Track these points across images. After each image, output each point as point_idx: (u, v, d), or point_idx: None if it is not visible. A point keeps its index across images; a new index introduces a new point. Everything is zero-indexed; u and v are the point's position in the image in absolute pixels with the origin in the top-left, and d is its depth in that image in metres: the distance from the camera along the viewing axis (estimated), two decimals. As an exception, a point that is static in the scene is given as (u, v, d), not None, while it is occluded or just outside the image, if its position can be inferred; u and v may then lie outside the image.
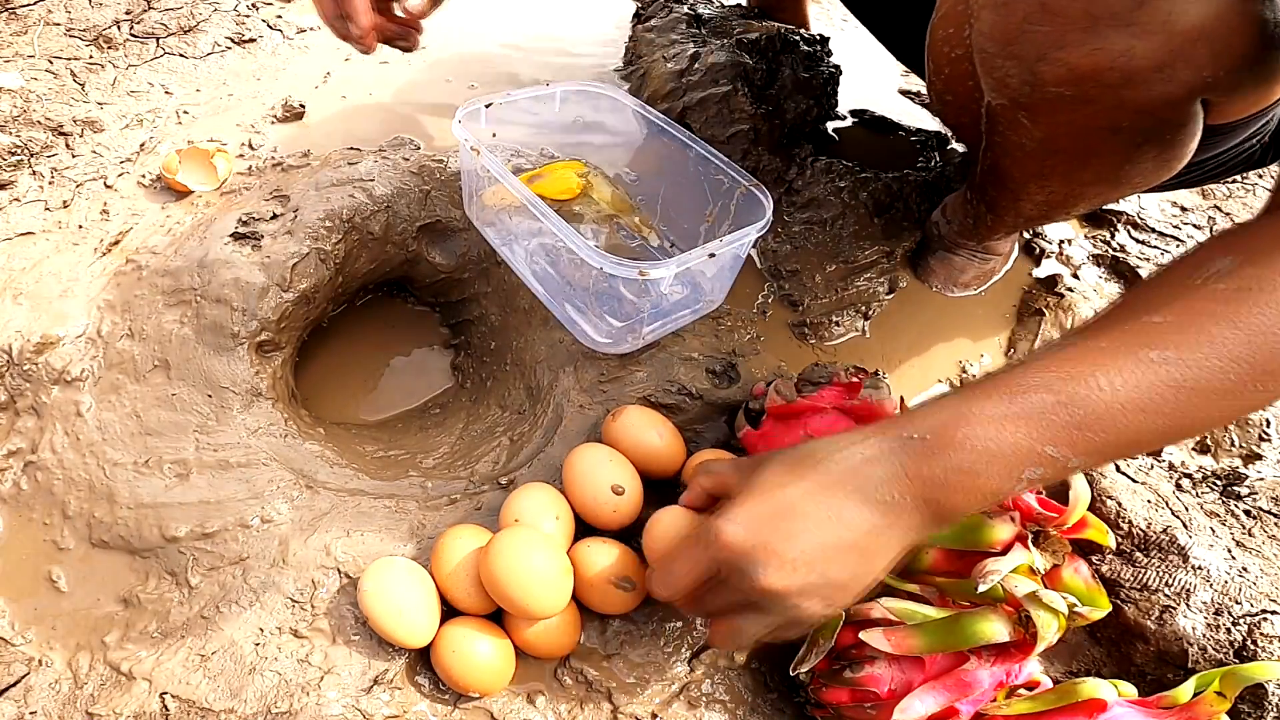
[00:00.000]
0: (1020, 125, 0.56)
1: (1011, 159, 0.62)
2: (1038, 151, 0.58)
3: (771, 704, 0.56)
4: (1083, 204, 0.65)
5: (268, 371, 0.67)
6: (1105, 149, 0.55)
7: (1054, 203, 0.65)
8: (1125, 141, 0.53)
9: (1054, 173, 0.60)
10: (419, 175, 0.78)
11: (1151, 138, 0.53)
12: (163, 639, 0.54)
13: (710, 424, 0.68)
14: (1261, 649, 0.52)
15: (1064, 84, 0.49)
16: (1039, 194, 0.64)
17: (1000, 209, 0.70)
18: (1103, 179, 0.59)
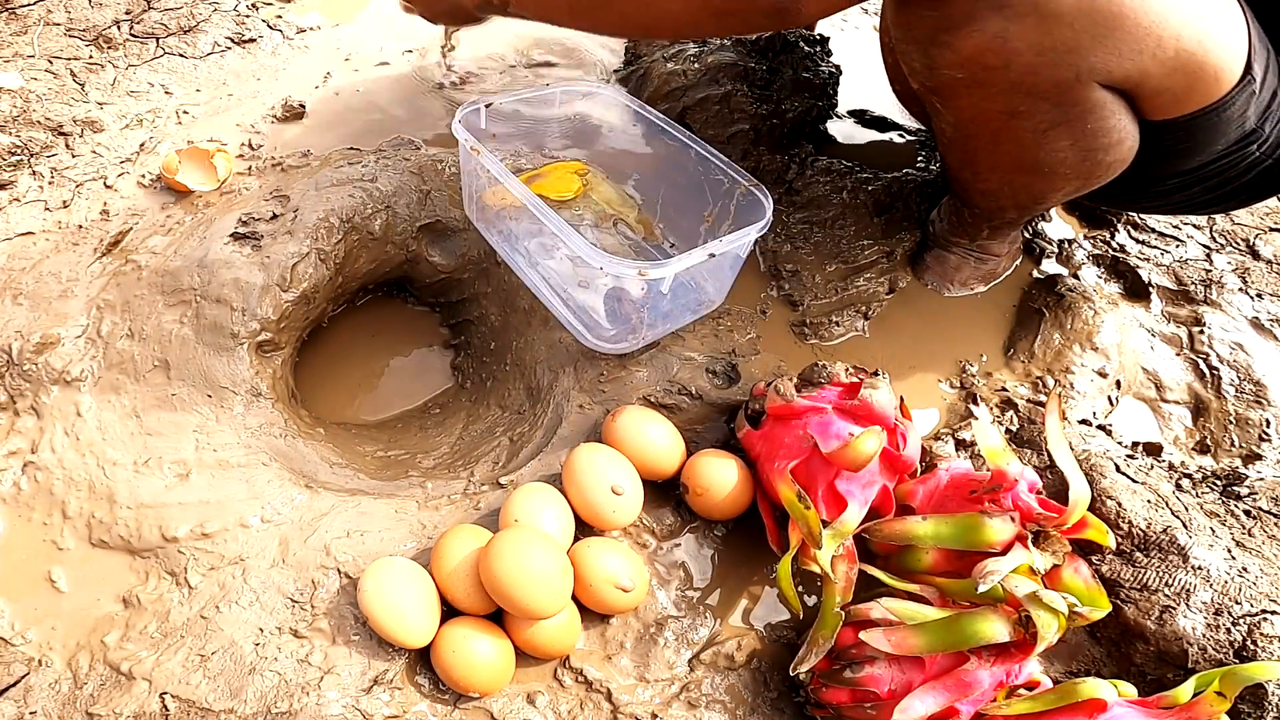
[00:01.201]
0: (938, 111, 0.60)
1: (944, 148, 0.66)
2: (957, 138, 0.62)
3: (771, 704, 0.56)
4: (1023, 195, 0.66)
5: (268, 371, 0.67)
6: (1011, 134, 0.57)
7: (996, 193, 0.67)
8: (1029, 127, 0.55)
9: (977, 161, 0.63)
10: (419, 175, 0.78)
11: (1057, 123, 0.54)
12: (163, 639, 0.54)
13: (710, 424, 0.68)
14: (1261, 649, 0.52)
15: (953, 67, 0.52)
16: (978, 183, 0.66)
17: (965, 201, 0.73)
18: (1023, 167, 0.61)
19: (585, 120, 0.81)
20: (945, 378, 0.76)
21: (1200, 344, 0.82)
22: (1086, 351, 0.77)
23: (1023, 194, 0.66)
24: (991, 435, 0.58)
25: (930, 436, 0.71)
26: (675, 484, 0.62)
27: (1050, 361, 0.77)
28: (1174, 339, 0.83)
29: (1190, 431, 0.76)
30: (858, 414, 0.57)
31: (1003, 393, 0.74)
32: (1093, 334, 0.78)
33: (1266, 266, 0.90)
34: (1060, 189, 0.64)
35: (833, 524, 0.53)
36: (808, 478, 0.56)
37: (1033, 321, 0.80)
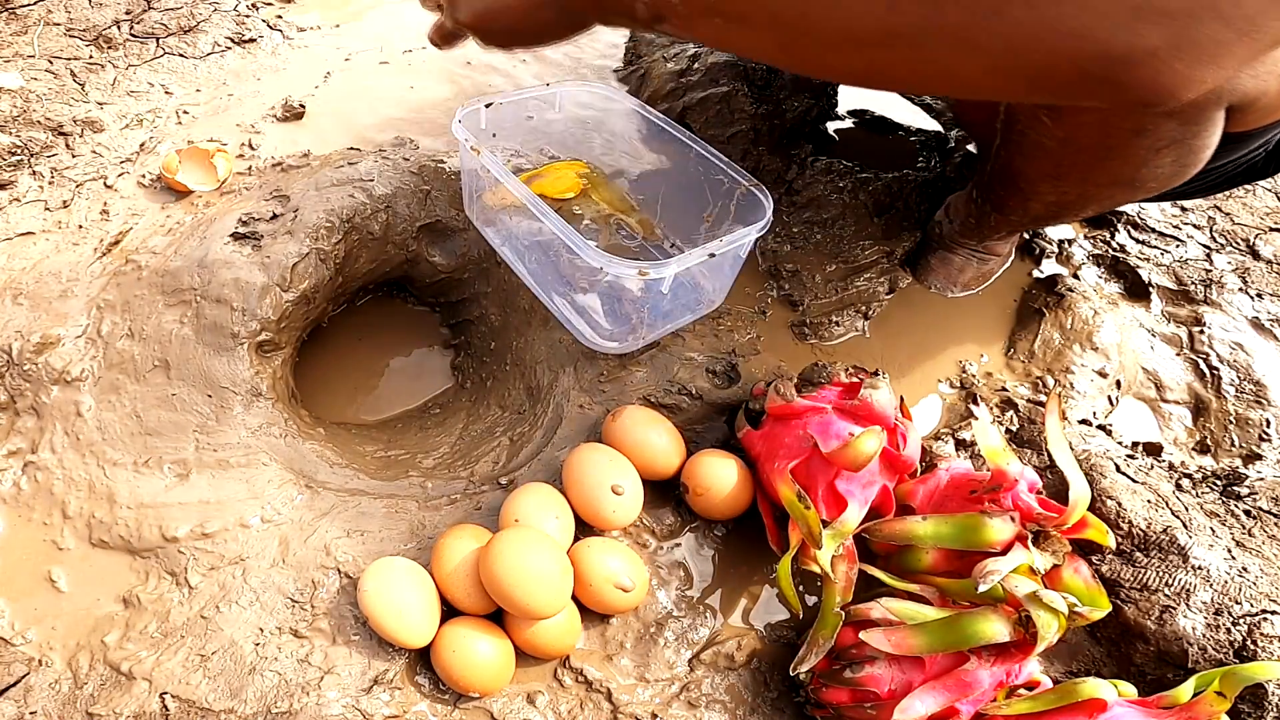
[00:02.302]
0: (1041, 123, 0.56)
1: (1026, 158, 0.62)
2: (1056, 150, 0.58)
3: (771, 704, 0.56)
4: (1092, 206, 0.64)
5: (268, 371, 0.67)
6: (1126, 151, 0.54)
7: (1064, 204, 0.64)
8: (1148, 145, 0.53)
9: (1070, 173, 0.60)
10: (419, 175, 0.78)
11: (1174, 141, 0.52)
12: (163, 639, 0.54)
13: (710, 424, 0.68)
14: (1261, 649, 0.52)
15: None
16: (1051, 194, 0.64)
17: (1008, 208, 0.70)
18: (1118, 181, 0.59)
19: (585, 120, 0.81)
20: (945, 378, 0.76)
21: (1200, 344, 0.82)
22: (1086, 351, 0.77)
23: (1090, 205, 0.64)
24: (991, 435, 0.58)
25: (930, 436, 0.71)
26: (675, 484, 0.62)
27: (1050, 361, 0.77)
28: (1174, 339, 0.83)
29: (1190, 431, 0.76)
30: (858, 414, 0.57)
31: (1003, 393, 0.74)
32: (1093, 334, 0.78)
33: (1266, 266, 0.90)
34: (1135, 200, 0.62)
35: (833, 524, 0.53)
36: (808, 478, 0.56)
37: (1033, 321, 0.80)
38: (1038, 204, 0.66)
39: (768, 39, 0.44)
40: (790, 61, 0.46)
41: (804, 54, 0.44)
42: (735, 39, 0.47)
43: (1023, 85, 0.38)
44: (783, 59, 0.48)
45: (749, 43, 0.46)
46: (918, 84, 0.44)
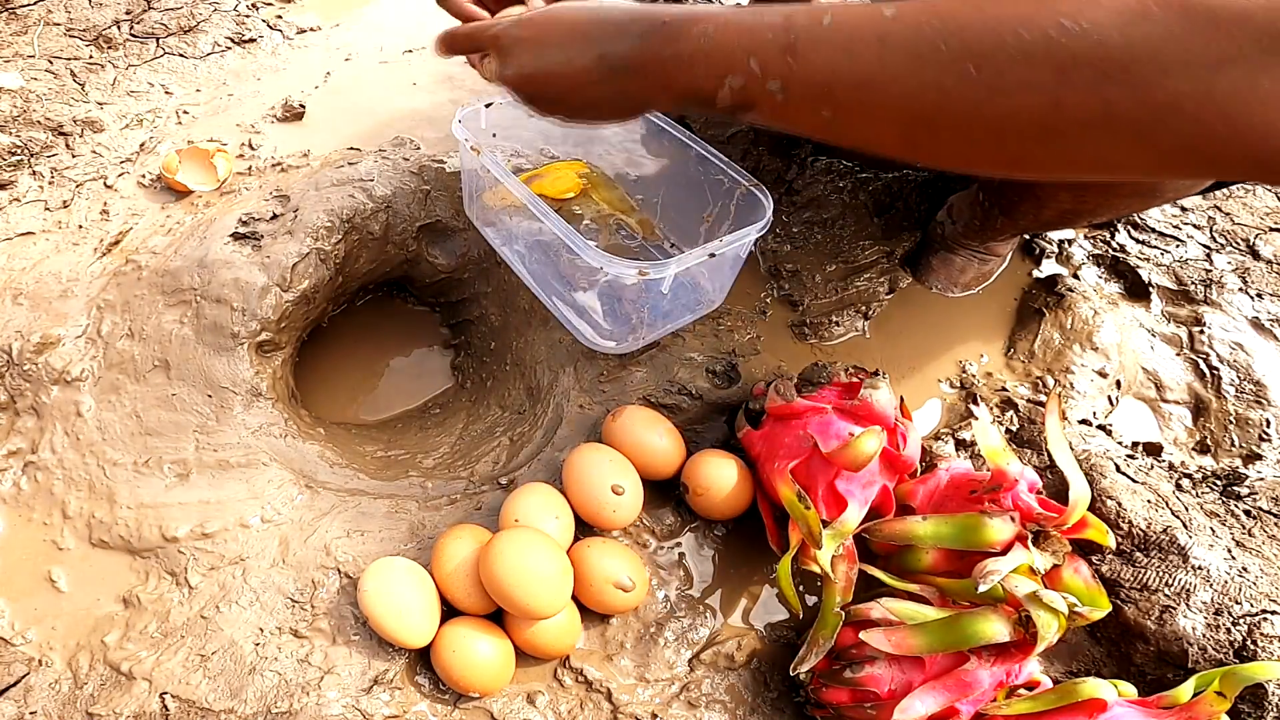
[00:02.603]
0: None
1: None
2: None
3: (771, 704, 0.56)
4: (1106, 214, 0.63)
5: (268, 371, 0.67)
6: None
7: (1080, 211, 0.63)
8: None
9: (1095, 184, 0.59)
10: (419, 175, 0.78)
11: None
12: (163, 639, 0.54)
13: (710, 424, 0.68)
14: (1261, 649, 0.52)
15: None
16: (1068, 203, 0.62)
17: (1019, 213, 0.69)
18: (1140, 192, 0.57)
19: (585, 120, 0.81)
20: (945, 378, 0.76)
21: (1200, 344, 0.82)
22: (1086, 351, 0.77)
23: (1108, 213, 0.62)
24: (991, 435, 0.58)
25: (930, 436, 0.71)
26: (675, 484, 0.62)
27: (1050, 361, 0.77)
28: (1174, 339, 0.83)
29: (1190, 431, 0.76)
30: (858, 414, 0.57)
31: (1003, 393, 0.74)
32: (1093, 334, 0.78)
33: (1266, 266, 0.90)
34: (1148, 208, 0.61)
35: (833, 524, 0.53)
36: (808, 478, 0.56)
37: (1033, 321, 0.80)
38: (1051, 210, 0.65)
39: (889, 131, 0.40)
40: (911, 153, 0.41)
41: (935, 147, 0.40)
42: (845, 130, 0.41)
43: (1182, 172, 0.36)
44: (902, 150, 0.41)
45: (862, 134, 0.41)
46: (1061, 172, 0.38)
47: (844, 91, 0.39)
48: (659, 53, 0.44)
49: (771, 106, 0.41)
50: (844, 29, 0.38)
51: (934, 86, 0.36)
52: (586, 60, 0.47)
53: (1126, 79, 0.32)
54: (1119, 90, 0.32)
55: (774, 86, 0.40)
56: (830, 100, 0.39)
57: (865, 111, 0.39)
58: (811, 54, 0.39)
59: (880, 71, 0.37)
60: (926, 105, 0.37)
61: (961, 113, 0.36)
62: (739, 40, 0.41)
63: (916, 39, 0.36)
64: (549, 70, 0.48)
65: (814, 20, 0.39)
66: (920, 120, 0.38)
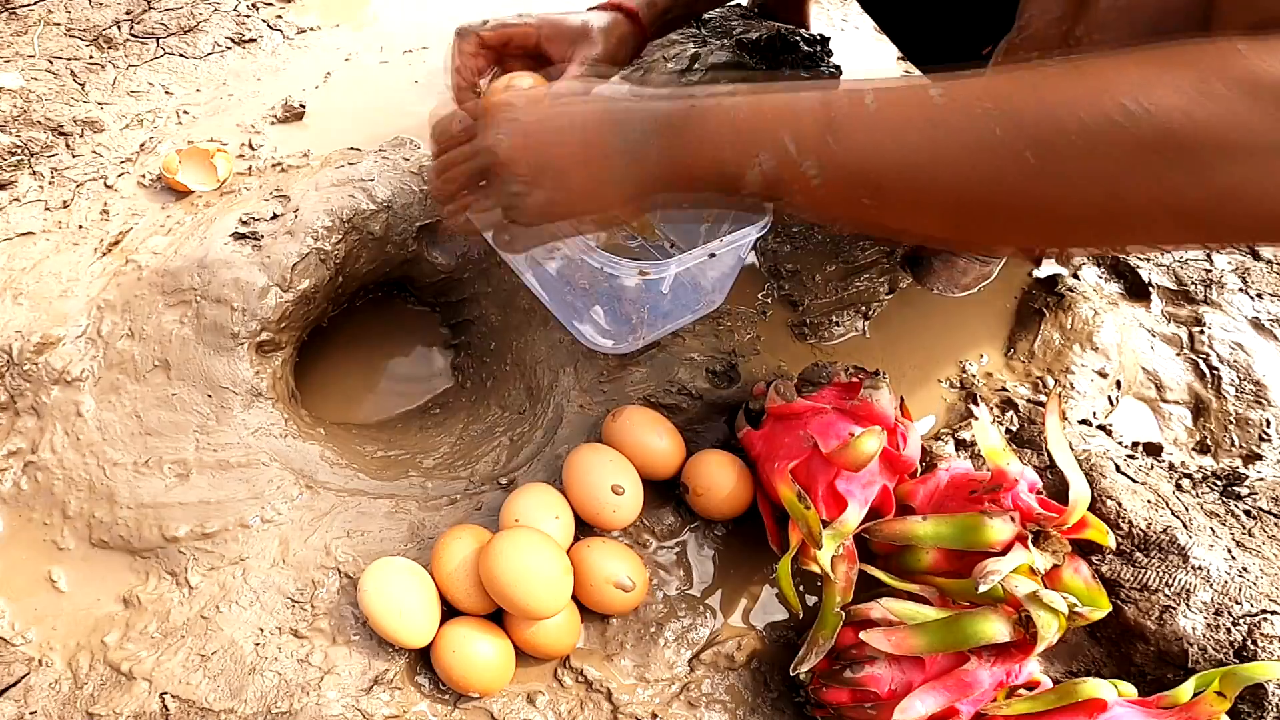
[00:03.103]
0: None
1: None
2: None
3: (771, 704, 0.56)
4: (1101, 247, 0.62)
5: (268, 371, 0.67)
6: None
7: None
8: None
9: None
10: (419, 175, 0.78)
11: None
12: (163, 639, 0.54)
13: (710, 424, 0.68)
14: (1261, 649, 0.52)
15: None
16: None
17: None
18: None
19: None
20: (945, 378, 0.76)
21: (1200, 344, 0.82)
22: (1086, 351, 0.77)
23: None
24: (991, 435, 0.58)
25: (930, 436, 0.71)
26: (675, 484, 0.62)
27: (1050, 361, 0.77)
28: (1174, 339, 0.83)
29: (1190, 431, 0.76)
30: (858, 414, 0.57)
31: (1003, 393, 0.74)
32: (1093, 334, 0.78)
33: (1266, 266, 0.90)
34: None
35: (833, 524, 0.53)
36: (808, 478, 0.56)
37: (1033, 321, 0.80)
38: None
39: (936, 220, 0.37)
40: (957, 240, 0.39)
41: (985, 234, 0.38)
42: (887, 218, 0.38)
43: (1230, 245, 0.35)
44: (946, 237, 0.39)
45: (904, 222, 0.38)
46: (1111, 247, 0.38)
47: (889, 177, 0.36)
48: (685, 129, 0.40)
49: (805, 191, 0.38)
50: (890, 111, 0.36)
51: (989, 176, 0.34)
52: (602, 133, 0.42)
53: (1190, 165, 0.31)
54: (1182, 177, 0.31)
55: (810, 168, 0.37)
56: (873, 186, 0.36)
57: (912, 200, 0.36)
58: (854, 135, 0.36)
59: (931, 159, 0.34)
60: (981, 195, 0.34)
61: (1018, 203, 0.34)
62: (774, 116, 0.38)
63: (970, 124, 0.34)
64: (573, 146, 0.43)
65: (855, 101, 0.36)
66: (972, 209, 0.35)
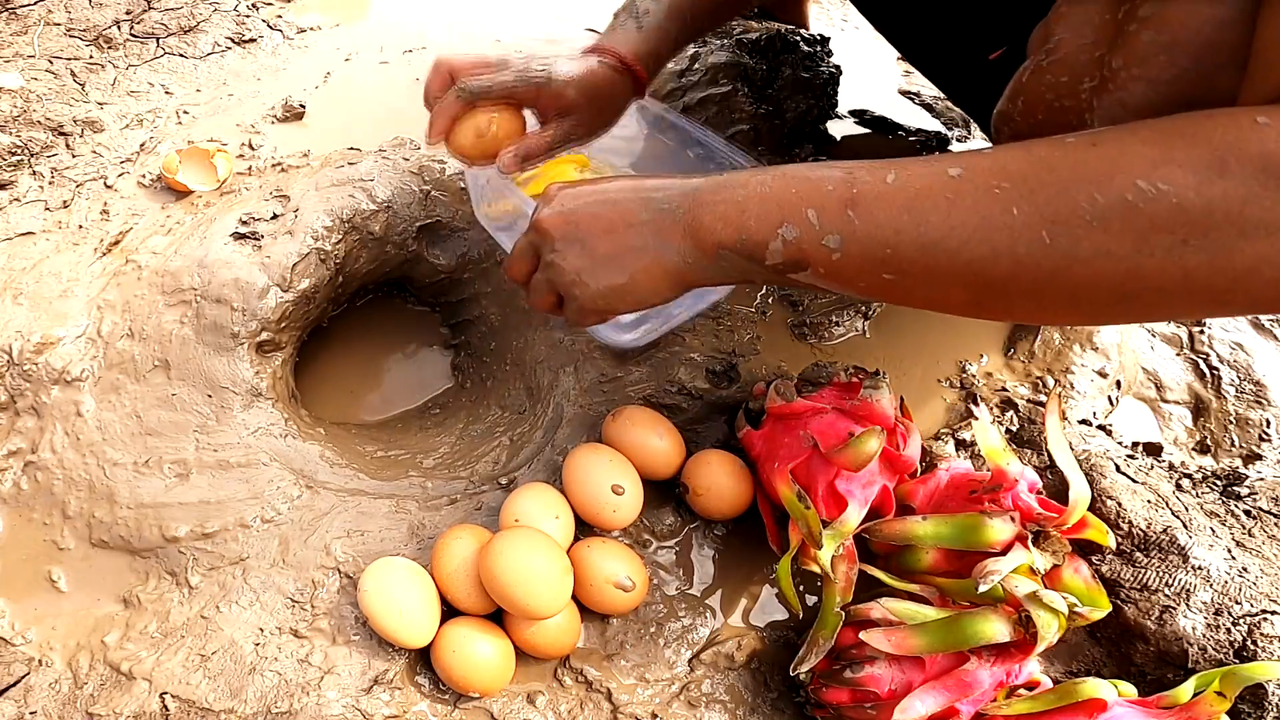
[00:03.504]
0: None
1: None
2: None
3: (771, 704, 0.56)
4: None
5: (268, 371, 0.67)
6: None
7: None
8: None
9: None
10: (419, 175, 0.78)
11: None
12: (163, 639, 0.54)
13: (710, 424, 0.68)
14: (1261, 649, 0.52)
15: None
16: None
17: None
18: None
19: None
20: (945, 378, 0.76)
21: (1200, 344, 0.82)
22: (1086, 351, 0.77)
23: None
24: (991, 435, 0.58)
25: (930, 436, 0.71)
26: (675, 484, 0.62)
27: (1050, 361, 0.77)
28: (1174, 339, 0.83)
29: (1190, 431, 0.76)
30: (858, 414, 0.57)
31: (1003, 393, 0.74)
32: (1093, 334, 0.78)
33: None
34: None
35: (833, 524, 0.53)
36: (808, 478, 0.56)
37: (1033, 321, 0.80)
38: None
39: (956, 295, 0.38)
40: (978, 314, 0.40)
41: (1005, 309, 0.39)
42: (908, 292, 0.39)
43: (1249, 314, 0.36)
44: (968, 311, 0.40)
45: (926, 297, 0.39)
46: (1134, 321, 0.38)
47: (908, 253, 0.37)
48: (712, 196, 0.42)
49: (827, 264, 0.39)
50: (909, 187, 0.37)
51: (1006, 253, 0.35)
52: (633, 206, 0.45)
53: (1205, 244, 0.31)
54: (1198, 256, 0.31)
55: (831, 242, 0.38)
56: (891, 261, 0.38)
57: (930, 275, 0.37)
58: (874, 210, 0.37)
59: (948, 235, 0.36)
60: (999, 271, 0.35)
61: (1036, 279, 0.35)
62: (798, 189, 0.39)
63: (986, 201, 0.35)
64: (605, 217, 0.47)
65: (877, 177, 0.38)
66: (991, 286, 0.36)
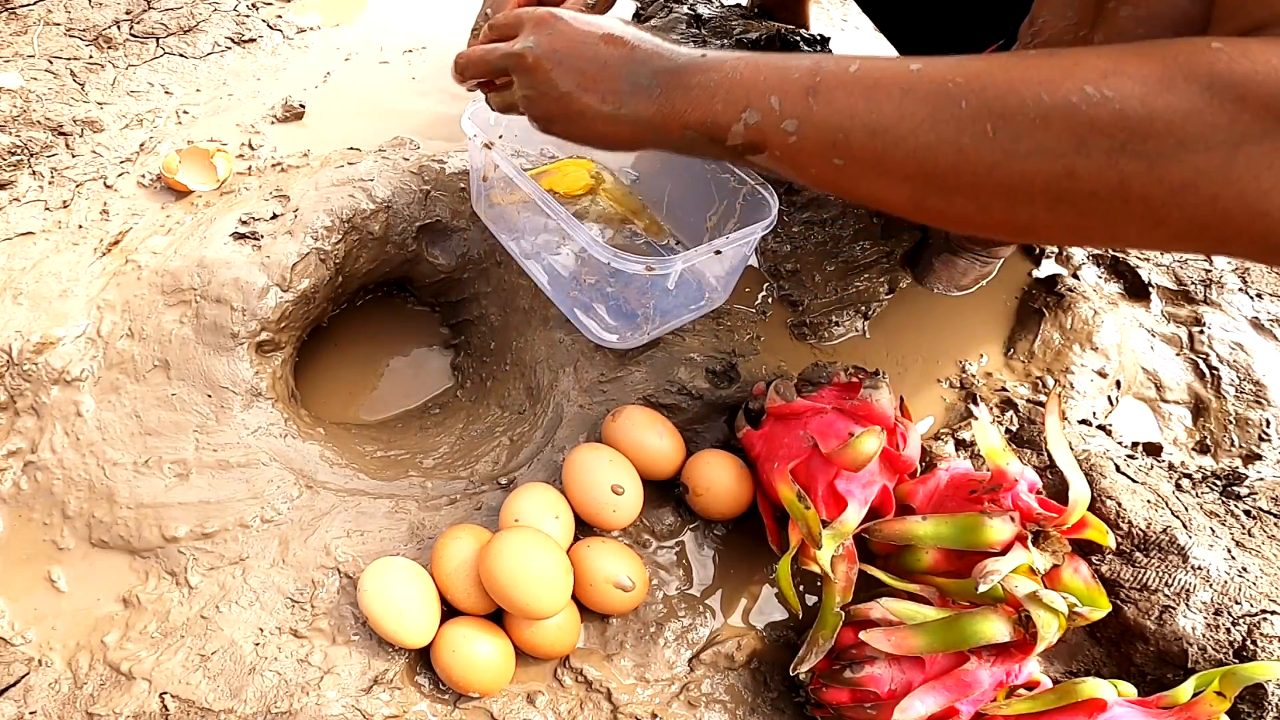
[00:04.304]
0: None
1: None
2: None
3: (771, 704, 0.56)
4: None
5: (268, 371, 0.67)
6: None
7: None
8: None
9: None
10: (419, 175, 0.78)
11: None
12: (163, 639, 0.54)
13: (710, 424, 0.68)
14: (1261, 649, 0.52)
15: None
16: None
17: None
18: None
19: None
20: (945, 378, 0.76)
21: (1200, 344, 0.82)
22: (1086, 351, 0.77)
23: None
24: (991, 435, 0.58)
25: (930, 436, 0.71)
26: (675, 484, 0.62)
27: (1050, 361, 0.77)
28: (1174, 339, 0.83)
29: (1190, 431, 0.76)
30: (858, 414, 0.57)
31: (1003, 393, 0.74)
32: (1093, 334, 0.78)
33: (1266, 267, 0.90)
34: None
35: (833, 524, 0.53)
36: (808, 478, 0.56)
37: (1033, 321, 0.80)
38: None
39: (899, 188, 0.39)
40: (920, 213, 0.40)
41: (944, 208, 0.38)
42: (854, 182, 0.40)
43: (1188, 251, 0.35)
44: (910, 209, 0.40)
45: (870, 187, 0.40)
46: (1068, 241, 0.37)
47: (858, 138, 0.38)
48: (688, 79, 0.44)
49: (783, 148, 0.41)
50: (869, 77, 0.38)
51: (950, 143, 0.35)
52: (618, 68, 0.47)
53: (1144, 151, 0.31)
54: (1135, 163, 0.32)
55: (789, 126, 0.40)
56: (843, 147, 0.39)
57: (877, 163, 0.38)
58: (832, 96, 0.39)
59: (898, 122, 0.37)
60: (941, 163, 0.36)
61: (975, 174, 0.35)
62: (766, 76, 0.41)
63: (938, 93, 0.36)
64: (587, 58, 0.48)
65: (841, 66, 0.39)
66: (933, 178, 0.37)
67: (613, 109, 0.47)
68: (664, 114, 0.45)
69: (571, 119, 0.49)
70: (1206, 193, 0.31)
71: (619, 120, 0.47)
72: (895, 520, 0.55)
